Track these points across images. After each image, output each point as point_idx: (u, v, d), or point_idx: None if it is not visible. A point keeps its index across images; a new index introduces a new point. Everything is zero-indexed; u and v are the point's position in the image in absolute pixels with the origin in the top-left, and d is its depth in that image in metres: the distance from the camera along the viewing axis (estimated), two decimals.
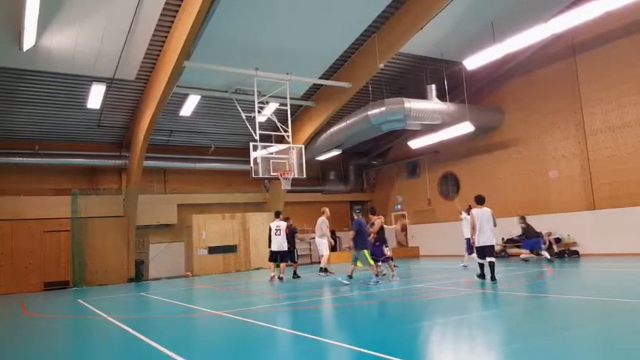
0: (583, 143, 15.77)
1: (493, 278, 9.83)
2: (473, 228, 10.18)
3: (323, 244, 14.16)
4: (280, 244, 13.46)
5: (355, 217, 11.60)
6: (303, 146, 14.67)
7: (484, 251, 10.14)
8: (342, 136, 17.98)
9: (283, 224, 13.70)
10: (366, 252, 11.04)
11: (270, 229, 13.70)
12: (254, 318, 7.69)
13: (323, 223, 14.14)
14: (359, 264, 11.25)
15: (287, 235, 13.66)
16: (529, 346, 4.80)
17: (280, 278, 13.18)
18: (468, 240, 12.42)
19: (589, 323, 5.93)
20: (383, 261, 11.85)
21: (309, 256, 22.41)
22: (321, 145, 19.08)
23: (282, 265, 13.48)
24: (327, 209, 14.40)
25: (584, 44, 15.55)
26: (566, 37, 15.60)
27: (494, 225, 10.18)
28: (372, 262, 11.09)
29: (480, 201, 10.38)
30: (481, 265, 10.29)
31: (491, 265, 9.97)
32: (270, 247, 13.61)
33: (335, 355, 5.19)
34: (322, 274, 13.81)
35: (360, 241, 11.11)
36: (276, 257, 13.54)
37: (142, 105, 15.73)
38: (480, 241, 10.10)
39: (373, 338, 5.71)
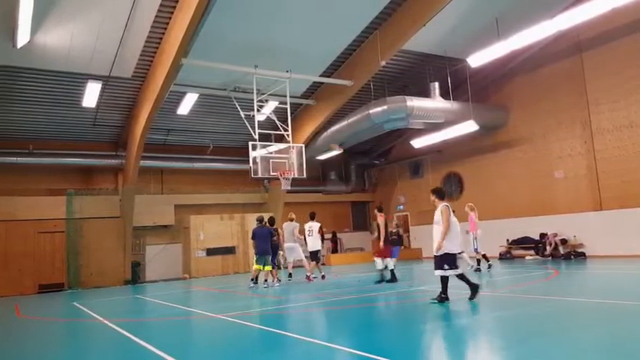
0: (589, 142, 15.77)
1: (447, 296, 7.85)
2: (447, 227, 7.78)
3: (297, 250, 14.07)
4: (314, 243, 13.92)
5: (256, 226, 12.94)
6: (303, 145, 14.68)
7: (455, 260, 7.93)
8: (343, 135, 17.97)
9: (316, 225, 14.02)
10: (256, 258, 12.40)
11: (304, 230, 14.18)
12: (252, 321, 7.70)
13: (295, 228, 14.01)
14: (266, 267, 12.43)
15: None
16: (534, 349, 4.81)
17: (322, 276, 13.68)
18: None
19: (594, 326, 5.93)
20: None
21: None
22: (322, 145, 19.08)
23: (313, 263, 13.89)
24: (292, 214, 14.45)
25: (590, 41, 15.54)
26: (572, 34, 15.60)
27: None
28: (258, 267, 12.37)
29: (443, 195, 8.21)
30: (446, 281, 7.85)
31: (452, 277, 7.91)
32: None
33: (334, 358, 5.20)
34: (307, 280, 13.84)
35: (257, 248, 12.48)
36: (314, 257, 13.92)
37: (139, 103, 15.74)
38: (453, 246, 7.89)
39: (375, 341, 5.71)
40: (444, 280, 7.86)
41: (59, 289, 16.48)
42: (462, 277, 7.92)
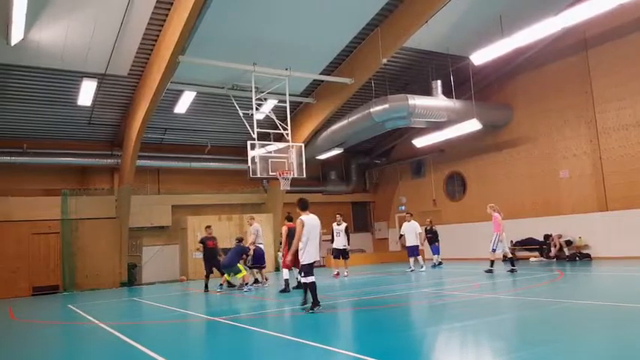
0: (595, 142, 15.75)
1: (306, 302, 8.53)
2: (297, 241, 8.40)
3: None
4: (341, 242, 15.49)
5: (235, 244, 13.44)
6: (302, 145, 14.66)
7: (309, 270, 8.47)
8: (344, 134, 17.96)
9: (343, 225, 15.69)
10: (239, 265, 13.00)
11: (332, 230, 15.81)
12: (251, 324, 7.68)
13: (259, 230, 14.12)
14: (238, 275, 13.07)
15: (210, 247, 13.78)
16: (537, 353, 4.79)
17: (343, 274, 15.23)
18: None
19: (600, 330, 5.91)
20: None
21: None
22: (322, 144, 19.07)
23: (343, 262, 15.54)
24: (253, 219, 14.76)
25: (596, 38, 15.53)
26: (577, 31, 15.58)
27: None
28: (244, 272, 13.02)
29: (302, 207, 8.73)
30: (313, 289, 8.38)
31: (313, 285, 8.38)
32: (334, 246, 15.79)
33: None
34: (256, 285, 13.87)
35: (225, 260, 13.24)
36: (338, 255, 15.59)
37: (135, 102, 15.72)
38: (308, 256, 8.39)
39: (376, 345, 5.70)
40: (311, 287, 8.37)
41: (54, 292, 16.46)
42: (304, 284, 8.57)
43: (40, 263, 16.58)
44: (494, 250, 13.10)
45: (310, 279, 8.37)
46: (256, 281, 13.95)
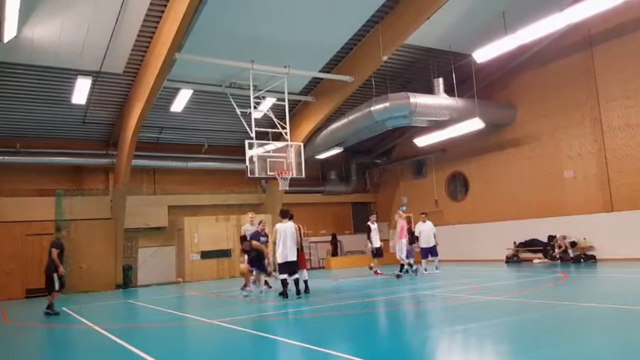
0: (600, 141, 15.75)
1: (299, 292, 10.57)
2: (273, 243, 11.01)
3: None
4: (379, 241, 16.19)
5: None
6: (302, 144, 14.67)
7: (281, 268, 10.60)
8: (344, 133, 17.96)
9: (374, 225, 16.23)
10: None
11: (369, 229, 16.16)
12: (250, 327, 7.68)
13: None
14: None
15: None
16: (540, 357, 4.79)
17: (377, 273, 15.66)
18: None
19: (604, 333, 5.91)
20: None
21: (310, 261, 22.42)
22: (322, 143, 19.07)
23: (375, 260, 16.11)
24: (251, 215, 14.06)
25: (601, 35, 15.53)
26: (582, 28, 15.57)
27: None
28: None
29: (281, 215, 10.96)
30: (281, 281, 10.63)
31: (284, 281, 10.59)
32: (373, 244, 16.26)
33: None
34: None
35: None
36: (379, 253, 16.20)
37: (131, 100, 15.72)
38: (280, 256, 10.52)
39: (376, 346, 5.70)
40: (282, 282, 10.58)
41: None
42: (283, 280, 10.54)
43: (34, 265, 16.50)
44: (407, 257, 14.39)
45: (282, 277, 10.52)
46: (266, 283, 13.07)
